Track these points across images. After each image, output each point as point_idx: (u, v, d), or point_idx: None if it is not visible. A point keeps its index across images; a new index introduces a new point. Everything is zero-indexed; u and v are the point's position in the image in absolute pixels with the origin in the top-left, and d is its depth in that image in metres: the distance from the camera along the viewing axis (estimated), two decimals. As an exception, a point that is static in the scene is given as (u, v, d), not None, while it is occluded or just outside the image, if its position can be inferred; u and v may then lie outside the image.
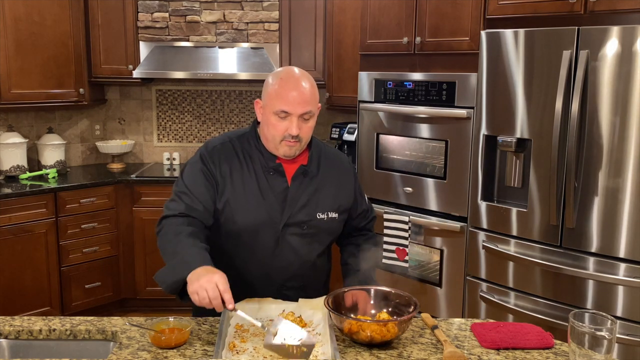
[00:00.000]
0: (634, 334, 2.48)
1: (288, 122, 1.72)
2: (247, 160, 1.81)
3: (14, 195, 3.55)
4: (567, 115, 2.57)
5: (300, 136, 1.73)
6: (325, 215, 1.84)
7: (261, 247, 1.81)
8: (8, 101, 3.77)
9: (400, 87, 3.30)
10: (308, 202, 1.81)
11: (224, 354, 1.49)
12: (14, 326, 1.68)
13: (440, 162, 3.22)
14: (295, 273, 1.84)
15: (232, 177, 1.79)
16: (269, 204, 1.78)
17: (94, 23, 4.08)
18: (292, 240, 1.81)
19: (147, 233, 4.00)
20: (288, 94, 1.71)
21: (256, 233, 1.79)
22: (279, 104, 1.71)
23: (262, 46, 4.15)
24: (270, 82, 1.76)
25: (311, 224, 1.82)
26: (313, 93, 1.75)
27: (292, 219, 1.79)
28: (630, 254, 2.48)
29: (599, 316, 1.39)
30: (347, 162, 1.98)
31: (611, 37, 2.43)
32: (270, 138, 1.77)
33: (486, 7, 2.94)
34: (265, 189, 1.79)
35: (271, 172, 1.80)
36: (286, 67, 1.83)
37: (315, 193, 1.83)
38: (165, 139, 4.66)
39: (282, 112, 1.71)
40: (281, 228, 1.79)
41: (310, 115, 1.74)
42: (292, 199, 1.79)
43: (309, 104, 1.72)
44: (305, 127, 1.74)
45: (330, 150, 1.95)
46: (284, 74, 1.76)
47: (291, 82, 1.73)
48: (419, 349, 1.59)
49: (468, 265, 3.07)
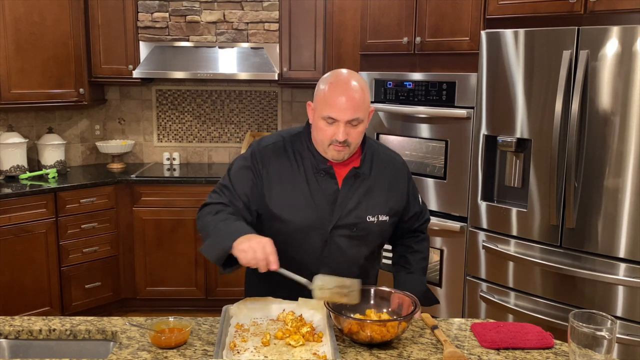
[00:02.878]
0: (634, 334, 2.48)
1: (335, 128, 1.70)
2: (297, 160, 1.81)
3: (14, 195, 3.55)
4: (567, 115, 2.57)
5: (348, 141, 1.72)
6: (376, 218, 1.82)
7: (309, 248, 1.80)
8: (8, 101, 3.77)
9: (400, 87, 3.30)
10: (358, 204, 1.80)
11: (225, 353, 1.49)
12: (14, 326, 1.68)
13: (440, 162, 3.22)
14: (342, 274, 1.83)
15: (282, 177, 1.79)
16: (318, 205, 1.77)
17: (94, 23, 4.08)
18: (340, 242, 1.80)
19: (147, 233, 4.00)
20: (336, 99, 1.68)
21: (304, 234, 1.79)
22: (326, 109, 1.69)
23: (262, 46, 4.15)
24: (320, 86, 1.75)
25: (361, 227, 1.81)
26: (362, 99, 1.71)
27: (342, 221, 1.78)
28: (631, 254, 2.48)
29: (599, 316, 1.39)
30: (401, 163, 1.94)
31: (611, 37, 2.43)
32: (319, 142, 1.76)
33: (486, 7, 2.94)
34: (315, 190, 1.78)
35: (322, 174, 1.79)
36: (336, 70, 1.78)
37: (365, 195, 1.81)
38: (165, 139, 4.66)
39: (329, 117, 1.70)
40: (330, 230, 1.78)
41: (359, 121, 1.71)
42: (342, 201, 1.78)
43: (357, 110, 1.69)
44: (354, 133, 1.72)
45: (384, 151, 1.92)
46: (334, 78, 1.74)
47: (339, 88, 1.70)
48: (419, 349, 1.59)
49: (468, 265, 3.07)
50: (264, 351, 1.52)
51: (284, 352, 1.51)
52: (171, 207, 4.00)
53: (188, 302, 4.05)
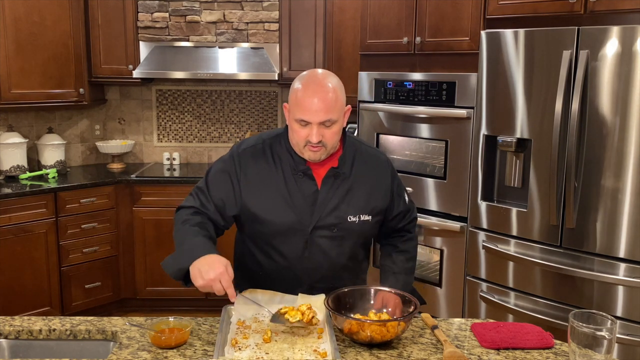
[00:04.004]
0: (634, 334, 2.48)
1: (309, 130, 1.69)
2: (276, 162, 1.80)
3: (14, 195, 3.55)
4: (567, 115, 2.57)
5: (323, 142, 1.70)
6: (357, 218, 1.80)
7: (290, 249, 1.80)
8: (8, 101, 3.77)
9: (400, 87, 3.30)
10: (338, 204, 1.79)
11: (227, 349, 1.49)
12: (14, 326, 1.68)
13: (440, 162, 3.22)
14: (324, 275, 1.83)
15: (261, 179, 1.79)
16: (297, 206, 1.77)
17: (94, 23, 4.08)
18: (321, 243, 1.80)
19: (147, 233, 4.00)
20: (308, 102, 1.66)
21: (285, 235, 1.79)
22: (299, 112, 1.68)
23: (262, 46, 4.15)
24: (294, 86, 1.73)
25: (341, 227, 1.80)
26: (335, 99, 1.69)
27: (321, 222, 1.78)
28: (631, 254, 2.48)
29: (599, 316, 1.39)
30: (385, 161, 1.92)
31: (611, 37, 2.43)
32: (295, 143, 1.76)
33: (486, 7, 2.94)
34: (293, 191, 1.77)
35: (300, 175, 1.78)
36: (310, 71, 1.76)
37: (346, 195, 1.80)
38: (165, 139, 4.66)
39: (302, 120, 1.68)
40: (310, 231, 1.78)
41: (332, 122, 1.69)
42: (321, 202, 1.77)
43: (329, 112, 1.67)
44: (328, 133, 1.70)
45: (366, 149, 1.90)
46: (306, 80, 1.71)
47: (311, 89, 1.68)
48: (419, 349, 1.59)
49: (468, 265, 3.07)
50: (265, 348, 1.53)
51: (285, 349, 1.52)
52: (171, 207, 3.95)
53: (188, 302, 4.04)
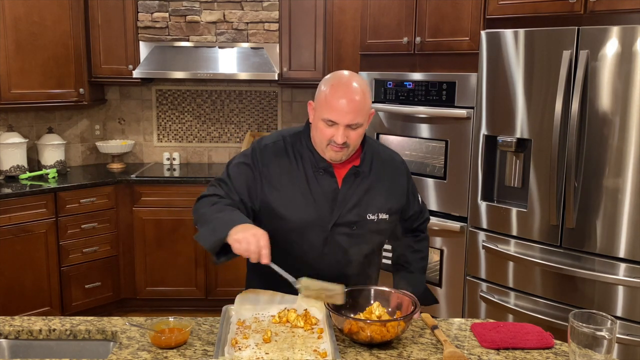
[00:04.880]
0: (634, 334, 2.48)
1: (335, 130, 1.71)
2: (297, 159, 1.82)
3: (14, 195, 3.55)
4: (567, 115, 2.57)
5: (347, 143, 1.72)
6: (376, 216, 1.83)
7: (309, 246, 1.81)
8: (8, 101, 3.77)
9: (400, 87, 3.30)
10: (358, 202, 1.81)
11: (227, 349, 1.49)
12: (14, 326, 1.68)
13: (440, 162, 3.22)
14: (342, 272, 1.84)
15: (282, 175, 1.80)
16: (318, 203, 1.78)
17: (94, 23, 4.08)
18: (340, 240, 1.81)
19: (147, 233, 4.00)
20: (336, 103, 1.69)
21: (304, 232, 1.80)
22: (326, 112, 1.70)
23: (262, 46, 4.15)
24: (322, 87, 1.75)
25: (360, 225, 1.82)
26: (363, 102, 1.71)
27: (342, 219, 1.79)
28: (631, 254, 2.48)
29: (599, 316, 1.39)
30: (400, 162, 1.96)
31: (611, 37, 2.43)
32: (318, 142, 1.77)
33: (486, 7, 2.94)
34: (314, 188, 1.79)
35: (321, 172, 1.80)
36: (338, 72, 1.79)
37: (366, 193, 1.82)
38: (165, 139, 4.66)
39: (329, 120, 1.70)
40: (330, 228, 1.79)
41: (359, 125, 1.72)
42: (342, 199, 1.79)
43: (357, 115, 1.70)
44: (354, 135, 1.73)
45: (383, 151, 1.94)
46: (335, 81, 1.74)
47: (340, 91, 1.70)
48: (419, 349, 1.59)
49: (468, 265, 3.07)
50: (265, 348, 1.53)
51: (285, 349, 1.52)
52: (171, 207, 4.00)
53: (188, 302, 4.05)
